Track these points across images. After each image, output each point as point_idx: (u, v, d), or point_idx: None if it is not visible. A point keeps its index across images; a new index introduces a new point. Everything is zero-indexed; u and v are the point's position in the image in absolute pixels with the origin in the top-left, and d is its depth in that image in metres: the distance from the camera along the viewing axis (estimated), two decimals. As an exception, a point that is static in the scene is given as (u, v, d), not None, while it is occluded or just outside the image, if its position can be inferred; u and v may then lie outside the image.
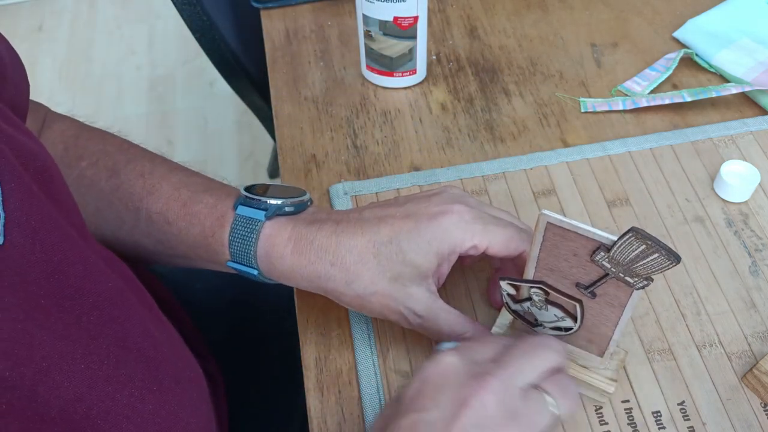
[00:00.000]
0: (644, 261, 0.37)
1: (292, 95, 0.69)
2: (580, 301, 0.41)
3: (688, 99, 0.64)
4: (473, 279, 0.54)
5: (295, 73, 0.71)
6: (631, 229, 0.36)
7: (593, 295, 0.40)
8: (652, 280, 0.38)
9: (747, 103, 0.66)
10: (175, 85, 1.90)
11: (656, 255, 0.36)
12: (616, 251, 0.37)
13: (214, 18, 0.85)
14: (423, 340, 0.51)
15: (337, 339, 0.52)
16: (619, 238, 0.36)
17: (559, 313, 0.43)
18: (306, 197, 0.49)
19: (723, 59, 0.68)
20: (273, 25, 0.76)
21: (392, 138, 0.65)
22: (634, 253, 0.37)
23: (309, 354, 0.51)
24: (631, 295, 0.39)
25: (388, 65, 0.67)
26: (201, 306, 0.68)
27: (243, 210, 0.47)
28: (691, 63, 0.70)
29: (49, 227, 0.35)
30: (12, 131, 0.37)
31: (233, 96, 1.03)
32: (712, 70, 0.69)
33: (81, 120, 0.56)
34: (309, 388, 0.50)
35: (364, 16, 0.63)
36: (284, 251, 0.46)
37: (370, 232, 0.45)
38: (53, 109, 0.57)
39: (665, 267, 0.37)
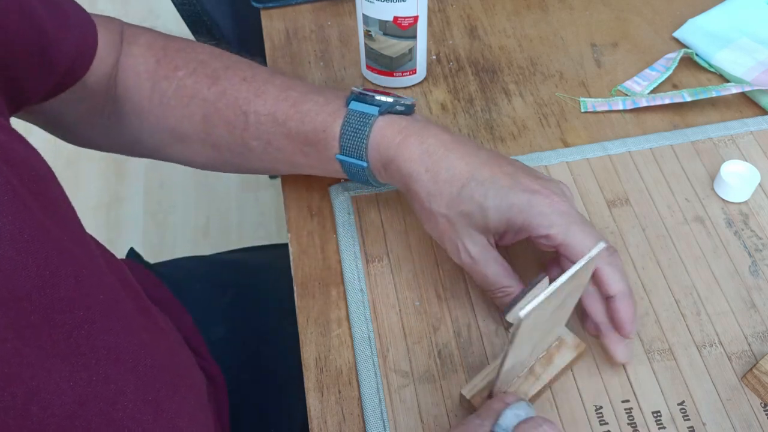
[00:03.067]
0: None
1: (292, 95, 0.69)
2: None
3: (688, 99, 0.64)
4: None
5: (295, 73, 0.71)
6: None
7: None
8: None
9: (747, 103, 0.66)
10: (175, 85, 1.90)
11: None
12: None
13: (214, 18, 0.85)
14: (423, 340, 0.51)
15: (337, 339, 0.52)
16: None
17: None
18: (412, 101, 0.51)
19: (723, 59, 0.68)
20: (273, 25, 0.76)
21: (392, 138, 0.65)
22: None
23: (309, 354, 0.52)
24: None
25: (388, 65, 0.67)
26: (201, 306, 0.68)
27: (356, 105, 0.49)
28: (691, 63, 0.70)
29: (42, 239, 0.35)
30: (3, 138, 0.36)
31: (233, 96, 1.03)
32: (712, 70, 0.69)
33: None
34: (309, 388, 0.50)
35: (364, 16, 0.63)
36: (393, 141, 0.48)
37: (473, 164, 0.46)
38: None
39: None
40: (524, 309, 0.37)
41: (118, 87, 0.54)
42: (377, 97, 0.49)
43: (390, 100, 0.49)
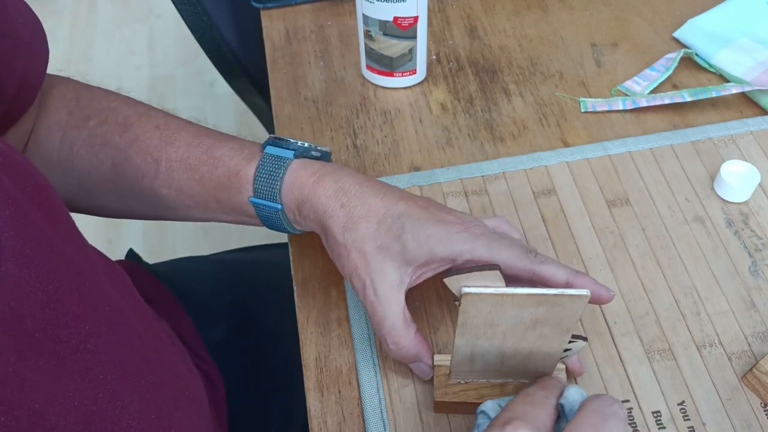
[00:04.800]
0: None
1: (292, 95, 0.69)
2: None
3: (688, 99, 0.64)
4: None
5: (295, 73, 0.71)
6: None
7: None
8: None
9: (747, 103, 0.66)
10: (175, 85, 1.90)
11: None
12: None
13: (214, 18, 0.85)
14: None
15: (337, 339, 0.52)
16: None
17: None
18: (329, 149, 0.52)
19: (723, 59, 0.68)
20: (273, 25, 0.76)
21: (392, 138, 0.65)
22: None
23: (309, 354, 0.51)
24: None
25: (388, 65, 0.67)
26: (201, 307, 0.68)
27: (272, 149, 0.49)
28: (691, 63, 0.70)
29: (46, 254, 0.34)
30: (3, 146, 0.35)
31: (233, 96, 1.03)
32: (712, 70, 0.69)
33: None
34: (309, 388, 0.50)
35: (364, 16, 0.63)
36: (307, 182, 0.48)
37: (388, 200, 0.46)
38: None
39: None
40: (470, 288, 0.38)
41: (29, 141, 0.53)
42: (293, 141, 0.49)
43: (306, 145, 0.50)
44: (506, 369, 0.45)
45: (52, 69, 0.54)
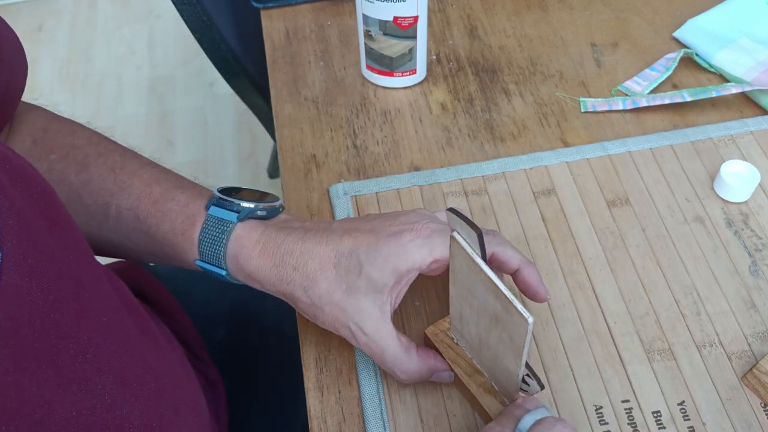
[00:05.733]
0: None
1: (292, 95, 0.69)
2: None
3: (688, 99, 0.64)
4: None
5: (295, 73, 0.71)
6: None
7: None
8: None
9: (747, 103, 0.66)
10: (175, 85, 1.90)
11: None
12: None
13: (214, 18, 0.85)
14: (423, 340, 0.51)
15: (337, 339, 0.52)
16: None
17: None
18: (278, 203, 0.50)
19: (723, 59, 0.68)
20: (273, 25, 0.76)
21: (392, 138, 0.65)
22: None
23: (309, 354, 0.51)
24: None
25: (388, 65, 0.67)
26: (201, 309, 0.68)
27: (215, 211, 0.47)
28: (691, 63, 0.70)
29: (47, 263, 0.34)
30: (6, 151, 0.35)
31: (233, 96, 1.03)
32: (712, 70, 0.69)
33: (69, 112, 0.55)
34: (309, 388, 0.50)
35: (364, 16, 0.63)
36: (252, 253, 0.46)
37: (333, 242, 0.46)
38: (55, 108, 0.57)
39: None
40: (458, 236, 0.39)
41: None
42: (237, 202, 0.48)
43: (251, 205, 0.47)
44: (483, 358, 0.45)
45: (52, 70, 0.53)
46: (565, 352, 0.50)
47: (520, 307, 0.37)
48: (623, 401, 0.48)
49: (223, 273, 0.48)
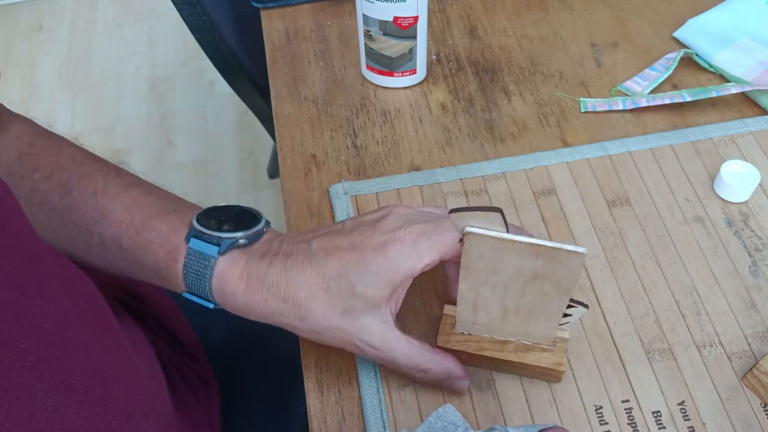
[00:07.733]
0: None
1: (292, 95, 0.69)
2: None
3: (688, 99, 0.64)
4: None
5: (295, 73, 0.71)
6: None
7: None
8: None
9: (747, 103, 0.66)
10: (175, 85, 1.90)
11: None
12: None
13: (214, 18, 0.85)
14: (423, 340, 0.51)
15: (337, 339, 0.52)
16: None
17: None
18: (260, 226, 0.47)
19: (723, 59, 0.68)
20: (273, 25, 0.76)
21: (392, 138, 0.65)
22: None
23: (309, 354, 0.51)
24: None
25: (388, 65, 0.67)
26: (201, 309, 0.68)
27: (195, 243, 0.46)
28: (691, 63, 0.70)
29: None
30: None
31: (233, 96, 1.03)
32: (712, 70, 0.69)
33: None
34: (309, 388, 0.50)
35: (364, 16, 0.63)
36: (237, 289, 0.45)
37: (317, 266, 0.44)
38: (55, 108, 0.56)
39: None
40: (473, 228, 0.38)
41: None
42: (216, 235, 0.46)
43: (231, 236, 0.46)
44: (508, 326, 0.46)
45: (52, 70, 0.53)
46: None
47: (570, 246, 0.38)
48: (623, 401, 0.48)
49: (211, 306, 0.47)
